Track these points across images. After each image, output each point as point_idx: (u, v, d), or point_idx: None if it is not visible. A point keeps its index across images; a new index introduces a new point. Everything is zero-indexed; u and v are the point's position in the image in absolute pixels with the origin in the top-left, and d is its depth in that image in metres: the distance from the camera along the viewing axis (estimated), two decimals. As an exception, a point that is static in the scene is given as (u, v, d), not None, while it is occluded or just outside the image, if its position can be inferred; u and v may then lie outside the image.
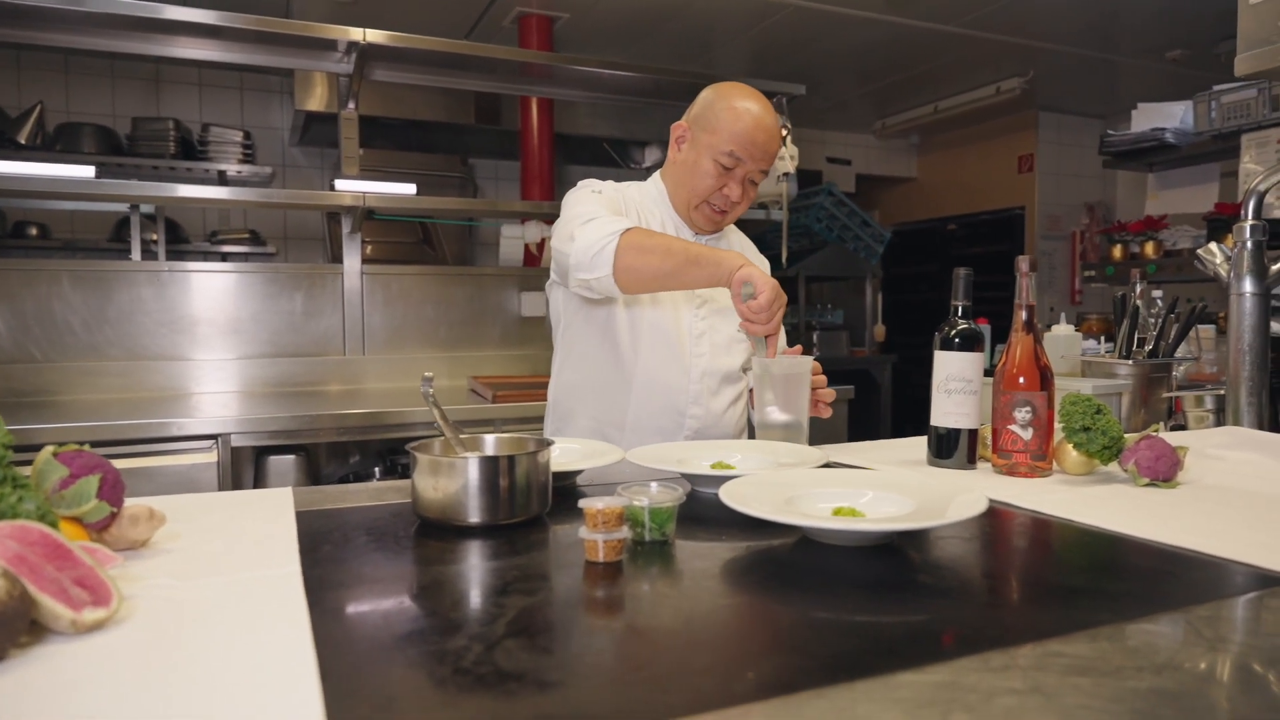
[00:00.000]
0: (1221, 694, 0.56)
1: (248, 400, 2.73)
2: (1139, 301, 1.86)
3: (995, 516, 1.08)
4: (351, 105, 2.85)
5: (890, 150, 7.03)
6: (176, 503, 1.14)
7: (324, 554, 0.91)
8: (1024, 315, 1.34)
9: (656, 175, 1.75)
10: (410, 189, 2.86)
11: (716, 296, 1.68)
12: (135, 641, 0.65)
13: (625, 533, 0.89)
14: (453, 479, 1.02)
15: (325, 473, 2.96)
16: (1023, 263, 1.33)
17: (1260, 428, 1.35)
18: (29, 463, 0.85)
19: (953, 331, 1.37)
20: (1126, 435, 1.27)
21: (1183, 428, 1.59)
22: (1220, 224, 3.15)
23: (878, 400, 4.71)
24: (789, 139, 3.19)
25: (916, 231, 7.14)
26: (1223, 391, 1.39)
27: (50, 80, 4.72)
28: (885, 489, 1.02)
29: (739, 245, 1.83)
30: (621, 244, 1.43)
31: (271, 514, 1.07)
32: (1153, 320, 1.75)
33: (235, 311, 2.96)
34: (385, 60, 2.93)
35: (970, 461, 1.37)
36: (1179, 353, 1.88)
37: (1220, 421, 1.42)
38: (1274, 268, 1.34)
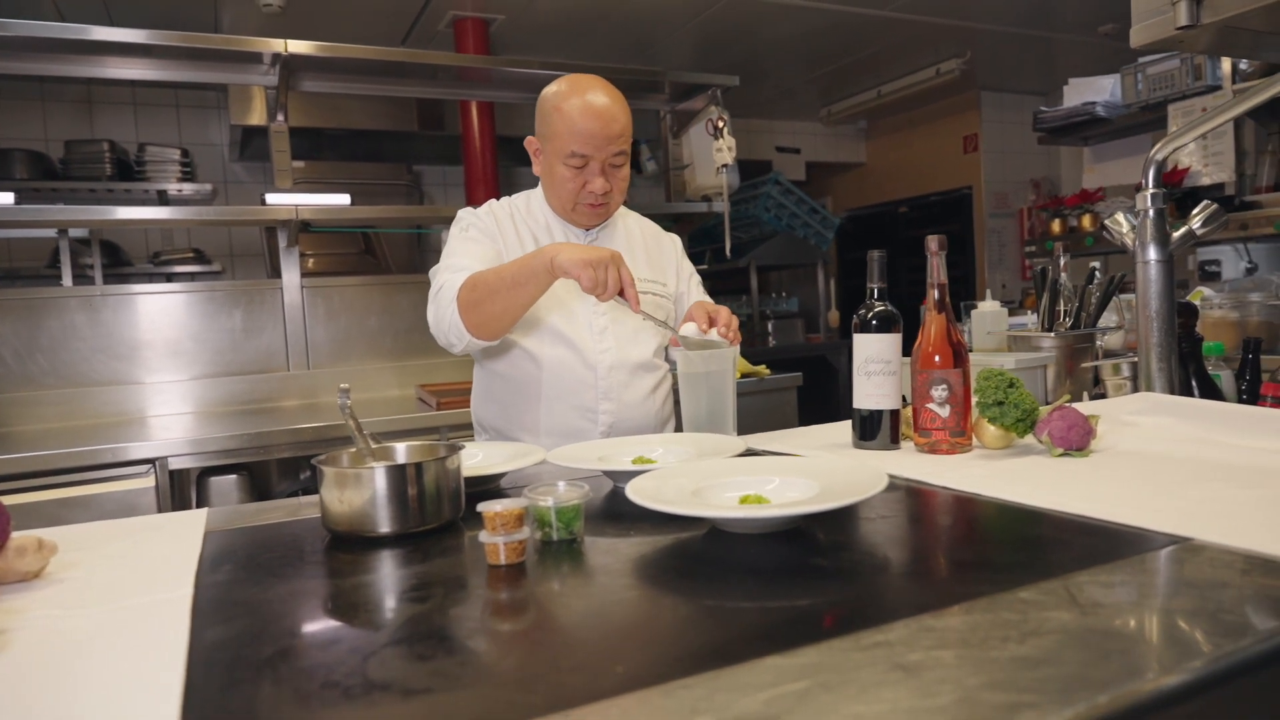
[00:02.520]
0: (1080, 659, 0.57)
1: (189, 422, 2.68)
2: (1064, 274, 1.89)
3: (905, 495, 1.09)
4: (281, 118, 2.81)
5: (839, 136, 7.08)
6: (82, 531, 1.11)
7: (222, 575, 0.90)
8: (936, 294, 1.35)
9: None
10: (344, 199, 2.82)
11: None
12: (4, 674, 0.64)
13: (526, 534, 0.88)
14: (359, 490, 1.00)
15: (277, 490, 2.92)
16: (932, 242, 1.35)
17: (1171, 391, 1.37)
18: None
19: (870, 314, 1.38)
20: (1042, 407, 1.29)
21: (1105, 396, 1.62)
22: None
23: (835, 386, 4.75)
24: (726, 130, 3.20)
25: (869, 216, 7.20)
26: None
27: (-24, 106, 4.60)
28: (792, 474, 1.02)
29: (636, 230, 1.80)
30: (459, 308, 1.49)
31: (178, 537, 1.05)
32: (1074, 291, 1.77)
33: (174, 333, 2.91)
34: (312, 70, 2.90)
35: (894, 442, 1.38)
36: (1106, 322, 1.91)
37: (1137, 388, 1.45)
38: (1175, 234, 1.37)
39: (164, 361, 2.90)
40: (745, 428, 1.72)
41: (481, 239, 1.64)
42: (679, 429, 1.68)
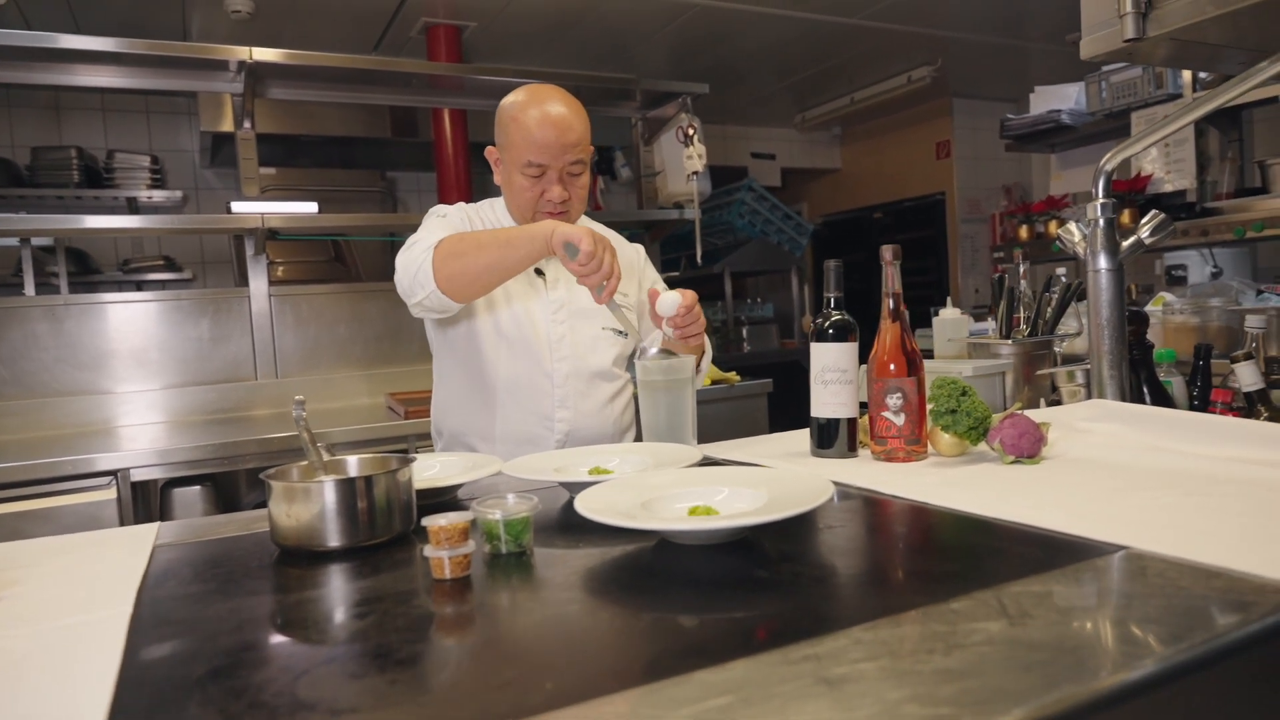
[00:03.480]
0: (1002, 671, 0.58)
1: (154, 432, 2.66)
2: (1024, 281, 1.91)
3: (855, 504, 1.10)
4: (247, 125, 2.79)
5: (813, 143, 7.12)
6: (28, 547, 1.10)
7: (165, 591, 0.89)
8: (890, 303, 1.36)
9: None
10: (311, 207, 2.81)
11: (575, 298, 1.68)
12: (-80, 702, 0.63)
13: (471, 547, 0.88)
14: (307, 505, 1.00)
15: (245, 502, 2.89)
16: (887, 252, 1.36)
17: (1123, 398, 1.39)
18: None
19: (826, 323, 1.39)
20: (995, 415, 1.30)
21: (1061, 403, 1.64)
22: (1118, 200, 3.26)
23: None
24: (696, 138, 3.21)
25: (844, 221, 7.25)
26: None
27: (-59, 113, 4.54)
28: (741, 485, 1.03)
29: (609, 235, 1.81)
30: (436, 257, 1.45)
31: (126, 552, 1.04)
32: (1031, 297, 1.80)
33: (140, 341, 2.88)
34: (279, 78, 2.88)
35: (851, 450, 1.39)
36: (1067, 329, 1.93)
37: (1091, 395, 1.46)
38: (1125, 244, 1.39)
39: (129, 371, 2.86)
40: (714, 435, 1.73)
41: (460, 225, 1.65)
42: (639, 438, 1.68)
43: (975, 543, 0.91)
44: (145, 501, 2.33)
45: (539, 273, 1.69)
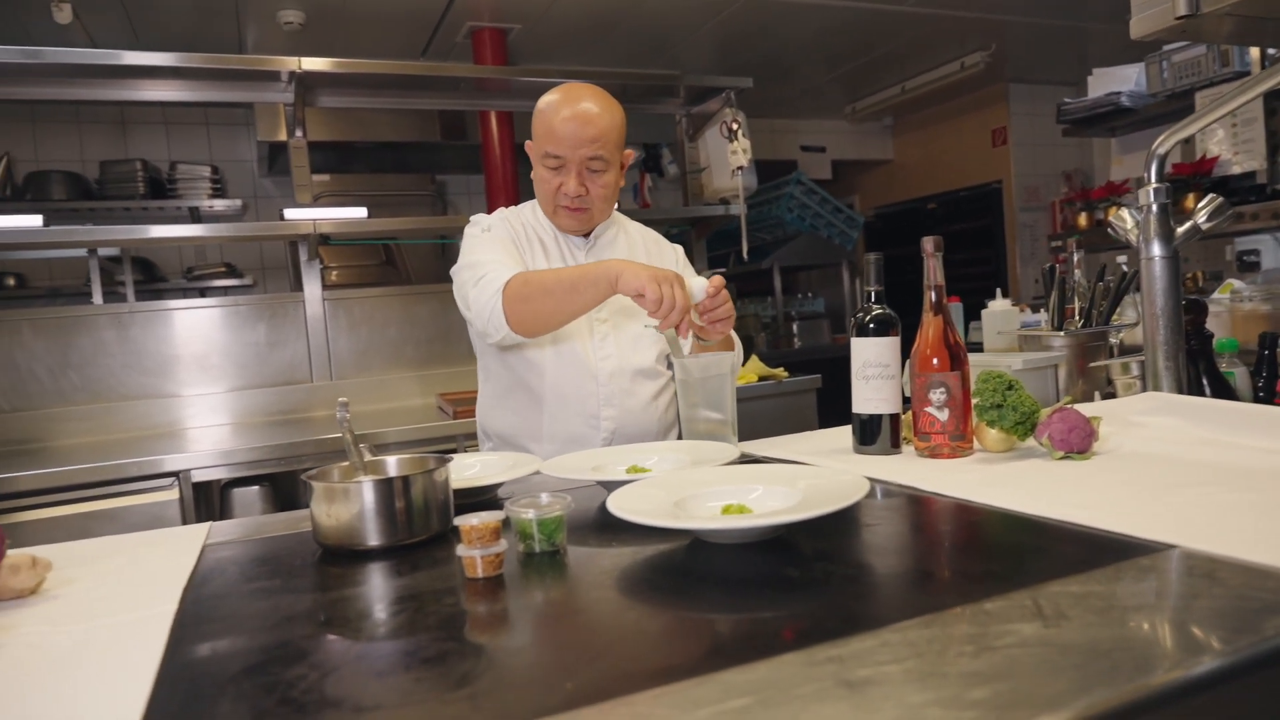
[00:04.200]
0: (1032, 675, 0.56)
1: (215, 434, 2.74)
2: (1078, 270, 1.85)
3: (894, 502, 1.08)
4: (299, 133, 2.86)
5: (865, 134, 7.01)
6: (86, 547, 1.14)
7: (209, 590, 0.92)
8: (933, 296, 1.33)
9: None
10: (361, 213, 2.86)
11: (617, 296, 1.68)
12: (-26, 694, 0.66)
13: (503, 546, 0.89)
14: (346, 505, 1.02)
15: (303, 500, 2.96)
16: (928, 244, 1.33)
17: (1179, 390, 1.34)
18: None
19: (867, 317, 1.37)
20: (1044, 409, 1.26)
21: (1115, 396, 1.58)
22: (1180, 185, 3.13)
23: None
24: (740, 132, 3.18)
25: (897, 213, 7.12)
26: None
27: (17, 132, 4.75)
28: (776, 483, 1.01)
29: (637, 238, 1.81)
30: (505, 300, 1.49)
31: (176, 552, 1.08)
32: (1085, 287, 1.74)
33: (200, 347, 2.98)
34: (329, 87, 2.95)
35: (894, 446, 1.37)
36: (1125, 319, 1.87)
37: (1146, 388, 1.41)
38: (1180, 230, 1.33)
39: (191, 375, 2.96)
40: (762, 431, 1.71)
41: (504, 239, 1.66)
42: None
43: (1015, 541, 0.88)
44: (207, 501, 2.41)
45: None
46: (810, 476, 1.03)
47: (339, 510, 1.02)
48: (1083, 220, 3.73)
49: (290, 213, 2.73)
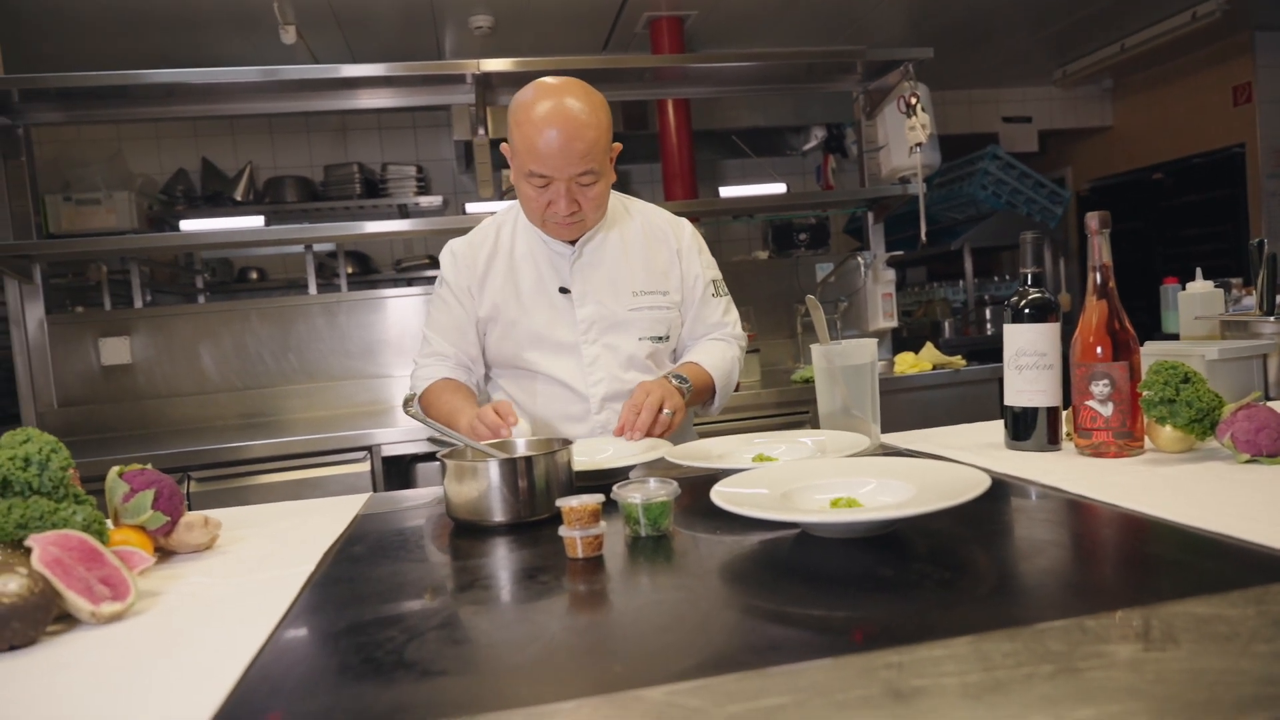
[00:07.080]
0: (1105, 701, 0.50)
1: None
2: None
3: (1026, 502, 1.00)
4: (481, 132, 3.03)
5: (1077, 100, 6.40)
6: (261, 511, 1.29)
7: (348, 554, 1.01)
8: (1097, 278, 1.21)
9: None
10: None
11: (604, 314, 1.62)
12: (132, 634, 0.76)
13: (602, 528, 0.91)
14: (474, 482, 1.08)
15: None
16: (1093, 220, 1.20)
17: None
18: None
19: (1022, 302, 1.26)
20: (1227, 405, 1.11)
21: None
22: None
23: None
24: (919, 107, 3.01)
25: (1117, 185, 6.45)
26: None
27: (258, 141, 5.38)
28: (891, 477, 0.97)
29: (635, 232, 1.67)
30: (421, 397, 1.62)
31: (334, 518, 1.19)
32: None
33: (396, 332, 3.23)
34: (509, 86, 3.10)
35: (1053, 442, 1.26)
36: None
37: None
38: None
39: (392, 358, 3.23)
40: (934, 422, 1.62)
41: (450, 300, 1.65)
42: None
43: (1151, 553, 0.79)
44: (398, 474, 2.63)
45: (564, 290, 1.61)
46: (931, 471, 0.97)
47: (467, 487, 1.09)
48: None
49: (471, 207, 2.91)
